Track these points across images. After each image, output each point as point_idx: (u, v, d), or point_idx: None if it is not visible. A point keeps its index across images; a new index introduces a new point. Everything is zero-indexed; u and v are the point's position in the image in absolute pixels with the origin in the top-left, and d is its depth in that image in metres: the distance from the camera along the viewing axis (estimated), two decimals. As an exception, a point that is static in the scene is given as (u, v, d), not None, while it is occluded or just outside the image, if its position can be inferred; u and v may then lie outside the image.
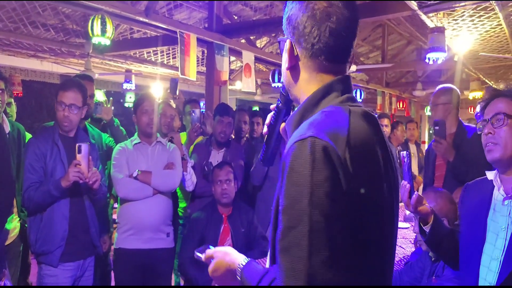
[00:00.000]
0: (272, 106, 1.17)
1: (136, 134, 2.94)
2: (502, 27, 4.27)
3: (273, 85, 6.45)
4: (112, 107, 3.33)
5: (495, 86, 1.60)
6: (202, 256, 1.16)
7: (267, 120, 1.17)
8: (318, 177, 0.80)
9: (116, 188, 2.76)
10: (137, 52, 6.38)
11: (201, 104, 6.37)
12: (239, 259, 1.04)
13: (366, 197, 0.85)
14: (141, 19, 3.73)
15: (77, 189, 2.44)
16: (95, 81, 3.41)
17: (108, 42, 3.72)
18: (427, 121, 12.08)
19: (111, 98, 3.35)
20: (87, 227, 2.54)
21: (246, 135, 4.17)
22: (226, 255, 1.07)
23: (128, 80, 6.64)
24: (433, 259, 2.10)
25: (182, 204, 3.43)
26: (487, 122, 1.56)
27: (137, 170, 2.76)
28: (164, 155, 2.92)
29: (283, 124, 1.12)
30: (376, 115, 1.01)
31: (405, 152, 1.76)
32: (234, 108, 8.64)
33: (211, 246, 1.18)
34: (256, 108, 10.57)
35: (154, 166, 2.84)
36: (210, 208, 2.94)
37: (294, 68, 1.00)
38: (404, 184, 1.72)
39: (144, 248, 2.76)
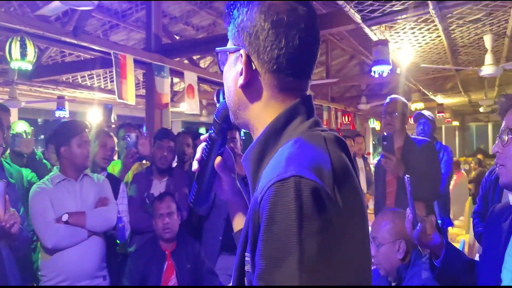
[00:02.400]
0: (203, 137, 0.97)
1: (56, 168, 2.56)
2: (441, 39, 4.35)
3: (218, 105, 6.24)
4: (33, 138, 2.94)
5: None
6: None
7: (197, 155, 0.97)
8: (309, 229, 0.62)
9: (42, 239, 2.37)
10: (70, 77, 5.95)
11: (144, 129, 6.01)
12: None
13: (354, 236, 0.71)
14: (68, 40, 3.39)
15: (-8, 235, 2.06)
16: (22, 110, 3.02)
17: (29, 67, 3.34)
18: (371, 133, 12.40)
19: (32, 128, 2.96)
20: (4, 279, 2.16)
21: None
22: None
23: (60, 107, 6.15)
24: (393, 283, 1.95)
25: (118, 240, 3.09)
26: (498, 139, 1.28)
27: (66, 214, 2.40)
28: (93, 189, 2.58)
29: (218, 159, 0.96)
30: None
31: (407, 176, 1.56)
32: (180, 130, 8.34)
33: None
34: (202, 129, 10.30)
35: (85, 205, 2.50)
36: (151, 245, 2.70)
37: (249, 86, 0.80)
38: (408, 214, 1.52)
39: (80, 299, 2.40)
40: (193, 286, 2.63)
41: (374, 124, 11.41)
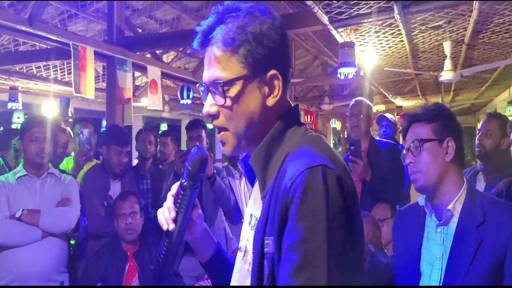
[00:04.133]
0: (172, 192, 0.94)
1: (21, 165, 2.50)
2: (404, 44, 4.45)
3: (181, 101, 6.13)
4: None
5: (411, 112, 1.55)
6: None
7: (171, 213, 0.92)
8: (334, 209, 0.76)
9: None
10: (24, 67, 5.63)
11: (103, 123, 5.79)
12: None
13: (358, 216, 0.84)
14: (23, 28, 3.19)
15: None
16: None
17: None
18: (332, 133, 12.67)
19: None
20: None
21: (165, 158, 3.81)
22: None
23: (13, 99, 5.80)
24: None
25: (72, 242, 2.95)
26: (407, 151, 1.47)
27: (21, 210, 2.29)
28: (57, 189, 2.49)
29: (196, 209, 0.99)
30: None
31: None
32: (141, 126, 8.11)
33: None
34: (164, 125, 10.10)
35: (44, 203, 2.41)
36: (113, 246, 2.61)
37: (277, 102, 0.91)
38: None
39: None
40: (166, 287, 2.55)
41: (335, 124, 11.62)
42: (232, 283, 0.97)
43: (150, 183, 3.47)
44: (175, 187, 0.94)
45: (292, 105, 0.93)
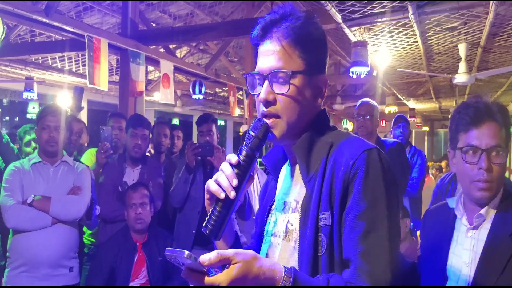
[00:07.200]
0: (232, 161, 0.91)
1: (36, 151, 2.54)
2: (418, 45, 4.41)
3: (193, 96, 6.16)
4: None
5: (484, 101, 1.28)
6: (208, 259, 0.81)
7: (233, 181, 0.89)
8: (389, 182, 0.90)
9: (4, 217, 2.32)
10: (40, 58, 5.71)
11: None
12: (279, 266, 0.84)
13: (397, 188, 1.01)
14: (40, 18, 3.24)
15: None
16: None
17: (-3, 44, 3.17)
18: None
19: (-1, 110, 2.84)
20: None
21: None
22: (256, 261, 0.82)
23: (28, 89, 5.88)
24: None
25: (88, 231, 2.98)
26: (481, 153, 1.25)
27: (32, 195, 2.34)
28: (69, 177, 2.52)
29: (251, 178, 1.00)
30: None
31: None
32: (153, 120, 8.17)
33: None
34: (176, 120, 10.15)
35: (56, 190, 2.44)
36: (122, 236, 2.63)
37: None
38: None
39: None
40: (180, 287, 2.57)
41: (347, 124, 11.54)
42: None
43: (164, 176, 3.49)
44: (234, 156, 0.92)
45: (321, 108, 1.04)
